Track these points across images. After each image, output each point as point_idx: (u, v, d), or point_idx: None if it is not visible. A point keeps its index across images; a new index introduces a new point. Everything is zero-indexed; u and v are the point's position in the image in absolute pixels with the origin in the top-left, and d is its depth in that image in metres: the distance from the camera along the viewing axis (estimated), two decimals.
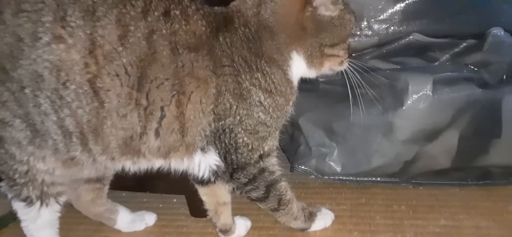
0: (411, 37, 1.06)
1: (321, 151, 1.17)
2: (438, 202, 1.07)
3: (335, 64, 0.87)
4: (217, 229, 1.00)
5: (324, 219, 0.99)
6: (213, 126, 0.82)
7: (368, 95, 1.10)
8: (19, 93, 0.76)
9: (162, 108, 0.78)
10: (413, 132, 1.04)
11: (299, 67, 0.85)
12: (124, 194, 1.25)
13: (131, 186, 1.20)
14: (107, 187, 1.06)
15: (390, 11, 1.07)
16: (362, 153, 1.11)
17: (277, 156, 0.92)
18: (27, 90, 0.76)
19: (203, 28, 0.79)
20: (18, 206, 0.86)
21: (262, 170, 0.87)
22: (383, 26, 1.08)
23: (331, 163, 1.16)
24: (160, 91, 0.77)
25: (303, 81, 0.92)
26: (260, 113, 0.83)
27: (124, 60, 0.74)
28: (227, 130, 0.82)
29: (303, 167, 1.21)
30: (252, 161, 0.86)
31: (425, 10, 1.07)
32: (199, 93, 0.79)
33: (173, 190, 1.15)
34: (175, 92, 0.77)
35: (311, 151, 1.18)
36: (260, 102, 0.82)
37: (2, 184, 0.86)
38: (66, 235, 0.96)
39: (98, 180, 1.02)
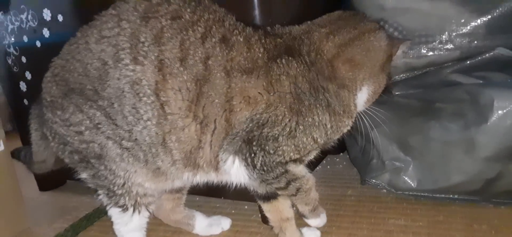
0: (496, 51, 1.02)
1: (395, 165, 1.15)
2: None
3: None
4: None
5: (322, 220, 1.00)
6: (249, 128, 0.83)
7: (447, 110, 1.07)
8: (109, 109, 0.84)
9: (215, 121, 0.83)
10: (497, 149, 0.99)
11: (361, 99, 0.90)
12: (197, 199, 1.30)
13: (205, 191, 1.24)
14: (185, 197, 1.13)
15: (473, 24, 1.03)
16: (440, 169, 1.08)
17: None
18: (115, 105, 0.84)
19: (260, 55, 0.83)
20: (114, 212, 0.94)
21: (286, 172, 0.87)
22: (466, 40, 1.04)
23: (406, 177, 1.14)
24: (213, 107, 0.82)
25: None
26: (321, 131, 0.84)
27: (185, 77, 0.81)
28: (270, 137, 0.82)
29: (375, 181, 1.20)
30: (280, 163, 0.86)
31: (511, 24, 1.02)
32: (247, 110, 0.82)
33: (245, 197, 1.17)
34: (225, 109, 0.82)
35: (384, 165, 1.17)
36: (325, 124, 0.84)
37: (100, 192, 0.94)
38: (147, 235, 1.02)
39: (179, 190, 1.09)
